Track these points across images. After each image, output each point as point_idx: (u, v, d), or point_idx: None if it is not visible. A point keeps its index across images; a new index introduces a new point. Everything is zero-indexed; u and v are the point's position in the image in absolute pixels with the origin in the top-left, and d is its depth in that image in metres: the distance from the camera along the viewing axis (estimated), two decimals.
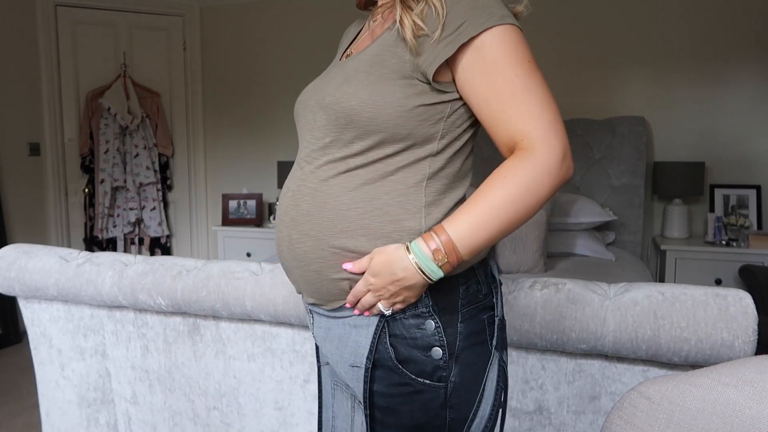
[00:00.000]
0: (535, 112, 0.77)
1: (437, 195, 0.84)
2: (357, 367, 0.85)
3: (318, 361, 1.02)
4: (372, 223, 0.81)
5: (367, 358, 0.83)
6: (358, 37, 0.98)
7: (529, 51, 0.79)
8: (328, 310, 0.89)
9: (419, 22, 0.77)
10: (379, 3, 0.93)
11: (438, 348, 0.81)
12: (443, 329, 0.81)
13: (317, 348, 1.01)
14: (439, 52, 0.77)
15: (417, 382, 0.81)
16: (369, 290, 0.81)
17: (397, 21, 0.79)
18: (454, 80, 0.81)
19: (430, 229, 0.80)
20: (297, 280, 0.91)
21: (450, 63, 0.79)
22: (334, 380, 0.98)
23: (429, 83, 0.80)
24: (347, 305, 0.85)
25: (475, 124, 0.87)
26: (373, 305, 0.82)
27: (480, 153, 3.30)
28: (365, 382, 0.83)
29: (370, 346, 0.83)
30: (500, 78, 0.77)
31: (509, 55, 0.77)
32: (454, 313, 0.82)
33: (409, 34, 0.78)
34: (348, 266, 0.82)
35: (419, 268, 0.77)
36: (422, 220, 0.82)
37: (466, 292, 0.84)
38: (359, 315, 0.85)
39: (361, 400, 0.85)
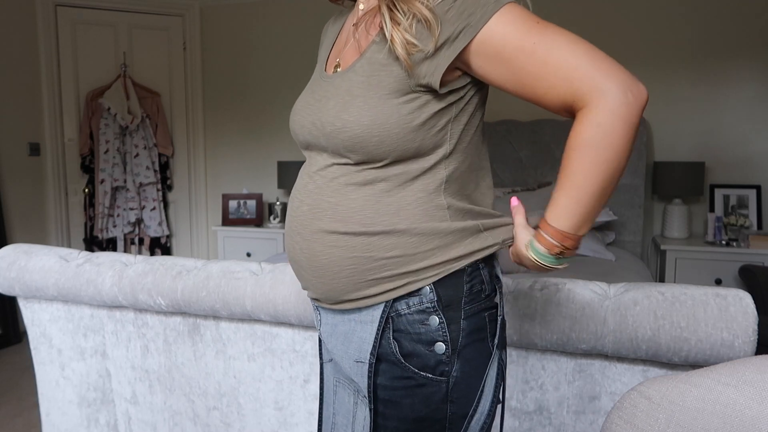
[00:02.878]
0: (569, 66, 0.73)
1: (457, 194, 0.85)
2: (361, 362, 0.86)
3: (321, 358, 1.03)
4: (400, 230, 0.83)
5: (371, 353, 0.84)
6: (340, 40, 0.96)
7: (534, 15, 0.77)
8: (338, 309, 0.90)
9: (411, 39, 0.75)
10: (361, 7, 0.90)
11: (441, 343, 0.82)
12: (447, 325, 0.82)
13: (320, 345, 1.02)
14: (440, 61, 0.76)
15: (419, 376, 0.83)
16: None
17: (388, 39, 0.77)
18: (466, 73, 0.80)
19: (537, 227, 0.83)
20: (310, 284, 0.91)
21: (459, 60, 0.78)
22: (336, 377, 0.99)
23: (433, 91, 0.79)
24: None
25: (481, 110, 0.87)
26: None
27: None
28: (369, 377, 0.85)
29: (374, 341, 0.84)
30: (521, 55, 0.75)
31: (518, 30, 0.75)
32: (457, 309, 0.84)
33: (402, 52, 0.76)
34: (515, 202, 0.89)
35: (541, 263, 0.82)
36: (449, 222, 0.83)
37: (470, 290, 0.85)
38: (364, 311, 0.86)
39: (366, 395, 0.86)
